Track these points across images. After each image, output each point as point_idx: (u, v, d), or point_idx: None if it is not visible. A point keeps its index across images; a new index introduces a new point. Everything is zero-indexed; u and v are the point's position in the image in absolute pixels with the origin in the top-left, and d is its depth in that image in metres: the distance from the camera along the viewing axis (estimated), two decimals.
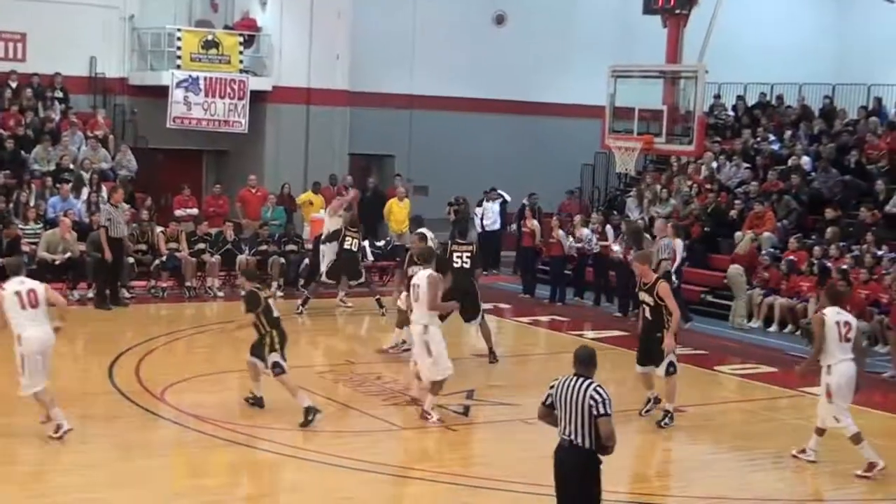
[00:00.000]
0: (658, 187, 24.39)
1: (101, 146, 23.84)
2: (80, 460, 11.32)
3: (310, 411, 12.54)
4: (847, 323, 11.76)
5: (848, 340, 11.72)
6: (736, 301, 20.62)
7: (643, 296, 13.20)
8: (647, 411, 13.54)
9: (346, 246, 19.51)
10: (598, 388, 8.09)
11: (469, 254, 16.21)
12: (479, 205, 26.08)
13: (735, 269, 20.72)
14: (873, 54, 30.80)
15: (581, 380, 8.18)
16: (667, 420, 13.23)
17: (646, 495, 11.30)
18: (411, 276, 13.78)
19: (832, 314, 11.77)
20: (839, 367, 11.70)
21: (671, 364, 13.06)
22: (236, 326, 13.40)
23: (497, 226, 25.60)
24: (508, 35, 30.64)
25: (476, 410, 13.73)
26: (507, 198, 25.96)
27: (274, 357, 12.71)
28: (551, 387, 8.30)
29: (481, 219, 25.80)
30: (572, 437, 8.08)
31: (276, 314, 12.97)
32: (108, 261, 19.41)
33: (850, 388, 11.80)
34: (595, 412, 7.99)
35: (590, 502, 8.17)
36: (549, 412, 8.33)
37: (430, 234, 16.70)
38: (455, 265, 15.97)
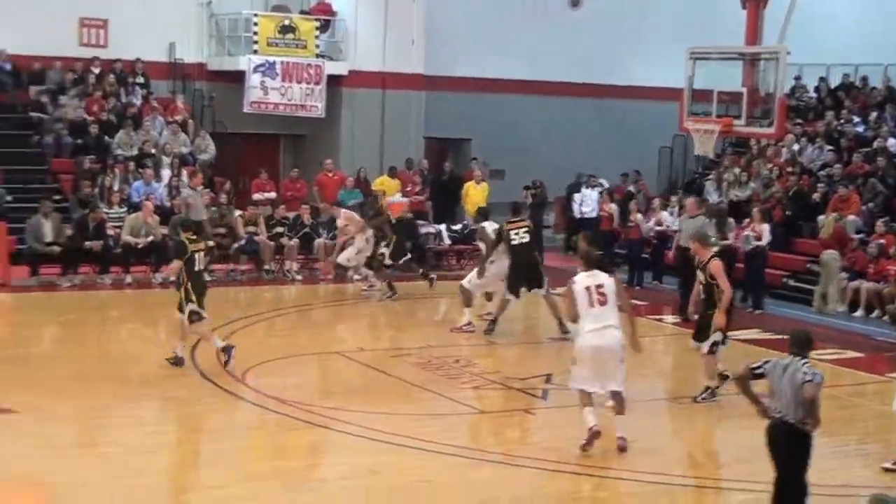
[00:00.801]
0: (737, 170, 24.06)
1: (180, 131, 24.10)
2: (163, 442, 11.46)
3: (227, 350, 13.85)
4: None
5: None
6: (827, 286, 20.16)
7: (699, 274, 13.37)
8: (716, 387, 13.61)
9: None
10: (811, 367, 8.54)
11: (526, 228, 16.63)
12: (577, 191, 25.55)
13: (830, 255, 20.24)
14: None
15: (796, 359, 8.59)
16: (705, 395, 13.40)
17: (726, 480, 11.17)
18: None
19: None
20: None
21: (715, 343, 13.20)
22: (166, 273, 14.26)
23: (595, 213, 24.70)
24: (584, 17, 30.39)
25: (554, 394, 13.64)
26: (606, 184, 25.51)
27: (191, 307, 13.71)
28: (766, 361, 8.75)
29: (580, 205, 25.22)
30: (783, 413, 8.49)
31: (197, 267, 13.85)
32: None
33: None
34: (804, 380, 8.40)
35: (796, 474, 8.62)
36: (747, 378, 8.79)
37: (492, 227, 17.03)
38: (513, 242, 16.43)
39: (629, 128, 29.64)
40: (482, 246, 17.34)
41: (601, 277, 11.41)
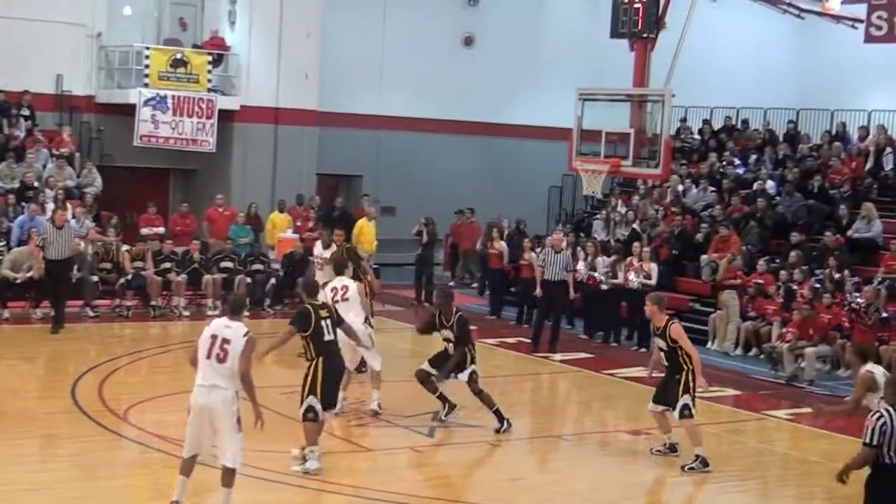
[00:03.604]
0: (624, 210, 24.50)
1: (66, 164, 23.71)
2: (43, 480, 11.23)
3: None
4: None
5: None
6: (726, 325, 20.44)
7: (657, 340, 12.84)
8: (657, 450, 13.27)
9: None
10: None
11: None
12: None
13: (729, 294, 20.59)
14: (836, 80, 31.18)
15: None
16: (696, 465, 12.63)
17: None
18: None
19: (877, 370, 10.47)
20: None
21: (686, 406, 12.60)
22: None
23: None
24: (477, 56, 30.80)
25: (441, 432, 13.71)
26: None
27: None
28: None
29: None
30: None
31: None
32: (36, 279, 19.28)
33: None
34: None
35: None
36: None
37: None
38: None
39: (520, 166, 30.04)
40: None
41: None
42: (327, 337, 11.59)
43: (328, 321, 11.62)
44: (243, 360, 9.80)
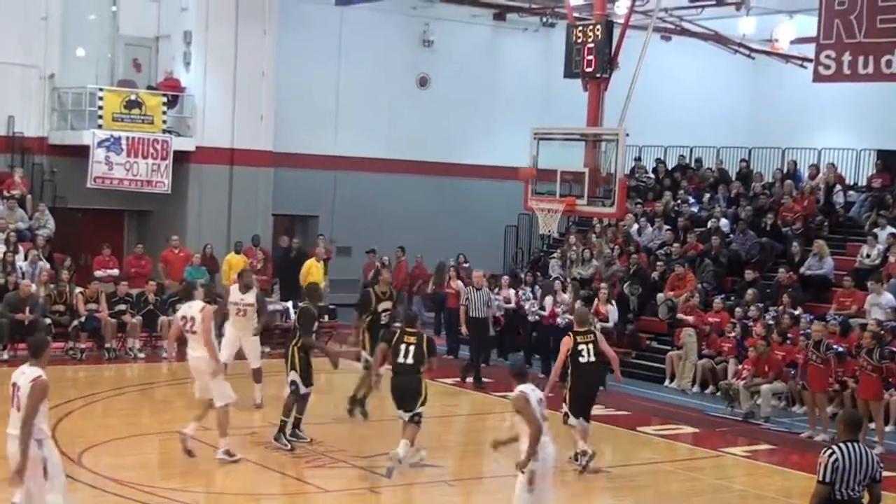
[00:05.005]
0: (580, 248, 24.62)
1: (17, 206, 23.52)
2: None
3: None
4: (541, 400, 10.16)
5: (546, 419, 10.13)
6: (684, 363, 20.56)
7: None
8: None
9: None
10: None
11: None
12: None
13: (687, 332, 20.73)
14: (787, 119, 31.60)
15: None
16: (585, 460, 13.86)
17: None
18: None
19: (531, 391, 10.09)
20: (548, 449, 10.09)
21: (565, 414, 14.01)
22: None
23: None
24: (432, 97, 30.93)
25: (399, 472, 13.62)
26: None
27: None
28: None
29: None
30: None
31: None
32: None
33: (545, 477, 10.09)
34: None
35: None
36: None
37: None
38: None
39: (476, 206, 30.13)
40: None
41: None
42: (400, 360, 13.44)
43: (410, 346, 13.54)
44: (27, 404, 9.38)
